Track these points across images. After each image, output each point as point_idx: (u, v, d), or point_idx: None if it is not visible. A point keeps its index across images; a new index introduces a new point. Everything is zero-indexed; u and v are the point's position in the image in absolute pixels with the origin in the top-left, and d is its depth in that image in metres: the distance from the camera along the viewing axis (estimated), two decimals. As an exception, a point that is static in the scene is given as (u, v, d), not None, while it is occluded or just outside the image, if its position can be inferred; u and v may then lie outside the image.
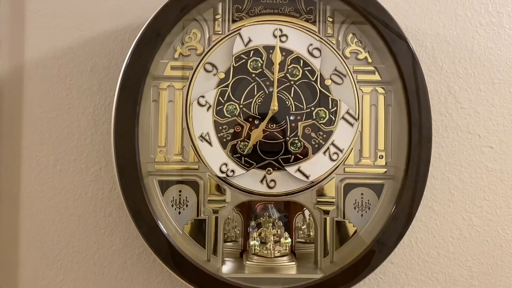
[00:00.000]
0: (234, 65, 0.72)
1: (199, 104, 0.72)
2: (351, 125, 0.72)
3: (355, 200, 0.74)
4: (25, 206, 0.76)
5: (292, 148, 0.72)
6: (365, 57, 0.74)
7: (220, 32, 0.73)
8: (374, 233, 0.71)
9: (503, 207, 0.78)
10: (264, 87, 0.72)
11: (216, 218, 0.73)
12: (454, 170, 0.78)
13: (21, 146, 0.77)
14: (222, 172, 0.71)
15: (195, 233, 0.73)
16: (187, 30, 0.73)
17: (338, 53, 0.73)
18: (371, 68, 0.74)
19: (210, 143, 0.72)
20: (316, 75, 0.72)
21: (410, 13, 0.79)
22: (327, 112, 0.72)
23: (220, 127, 0.72)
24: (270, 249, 0.73)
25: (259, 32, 0.73)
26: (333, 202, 0.73)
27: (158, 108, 0.73)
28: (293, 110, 0.72)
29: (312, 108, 0.72)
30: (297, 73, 0.72)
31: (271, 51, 0.72)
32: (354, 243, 0.73)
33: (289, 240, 0.75)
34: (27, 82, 0.77)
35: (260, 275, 0.72)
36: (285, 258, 0.74)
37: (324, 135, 0.72)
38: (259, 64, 0.72)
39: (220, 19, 0.73)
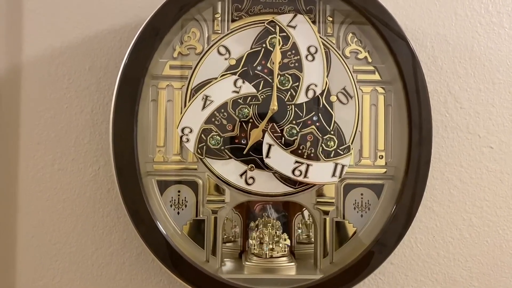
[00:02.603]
0: (248, 56, 0.71)
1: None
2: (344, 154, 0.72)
3: (355, 200, 0.73)
4: (23, 206, 0.76)
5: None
6: (365, 57, 0.74)
7: (220, 32, 0.73)
8: (374, 234, 0.71)
9: (503, 207, 0.78)
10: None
11: (215, 218, 0.72)
12: (454, 171, 0.78)
13: (18, 146, 0.76)
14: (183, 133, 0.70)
15: (194, 234, 0.72)
16: (186, 29, 0.73)
17: (349, 71, 0.72)
18: (371, 67, 0.74)
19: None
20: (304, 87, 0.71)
21: (410, 12, 0.78)
22: (334, 138, 0.71)
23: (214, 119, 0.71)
24: (269, 250, 0.73)
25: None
26: (333, 202, 0.73)
27: (157, 107, 0.72)
28: (292, 115, 0.72)
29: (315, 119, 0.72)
30: (287, 84, 0.72)
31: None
32: (354, 243, 0.73)
33: (288, 240, 0.74)
34: (25, 81, 0.76)
35: (259, 275, 0.72)
36: (284, 258, 0.74)
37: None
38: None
39: (219, 18, 0.73)
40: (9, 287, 0.76)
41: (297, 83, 0.72)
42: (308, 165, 0.71)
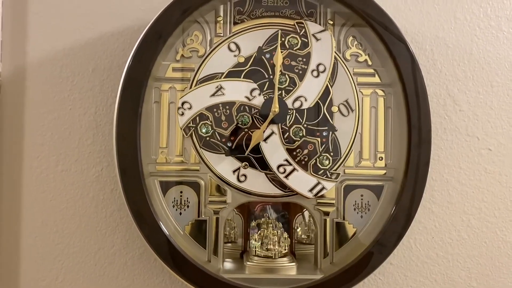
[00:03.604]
0: (257, 55, 0.72)
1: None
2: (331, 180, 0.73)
3: (355, 201, 0.74)
4: (27, 206, 0.77)
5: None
6: (365, 60, 0.75)
7: (222, 34, 0.74)
8: (374, 234, 0.72)
9: (502, 209, 0.79)
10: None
11: (217, 219, 0.73)
12: (453, 172, 0.79)
13: (22, 147, 0.77)
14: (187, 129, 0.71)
15: (195, 234, 0.73)
16: (188, 32, 0.74)
17: (354, 85, 0.73)
18: (371, 70, 0.75)
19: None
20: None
21: (410, 16, 0.79)
22: (330, 159, 0.72)
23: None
24: (270, 250, 0.74)
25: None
26: (333, 203, 0.74)
27: (160, 109, 0.73)
28: (292, 120, 0.73)
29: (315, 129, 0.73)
30: (284, 83, 0.73)
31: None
32: (354, 244, 0.74)
33: (289, 241, 0.75)
34: (29, 83, 0.77)
35: (260, 275, 0.72)
36: (285, 259, 0.74)
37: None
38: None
39: (221, 21, 0.74)
40: (13, 287, 0.77)
41: (292, 88, 0.73)
42: (294, 169, 0.72)
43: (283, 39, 0.73)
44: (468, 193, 0.79)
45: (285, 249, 0.74)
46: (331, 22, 0.74)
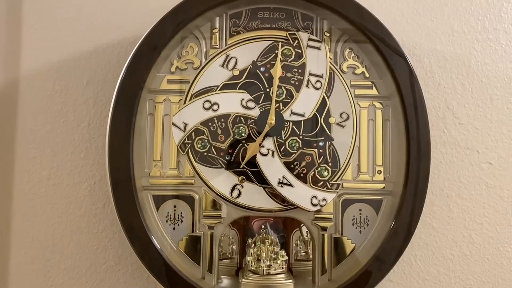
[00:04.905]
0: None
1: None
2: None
3: (353, 216, 0.72)
4: (17, 220, 0.75)
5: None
6: (362, 72, 0.74)
7: (217, 46, 0.73)
8: (373, 250, 0.70)
9: (503, 224, 0.77)
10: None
11: (212, 234, 0.71)
12: (453, 186, 0.77)
13: (14, 160, 0.76)
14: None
15: (190, 250, 0.71)
16: (184, 44, 0.73)
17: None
18: (369, 83, 0.74)
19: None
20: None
21: (408, 29, 0.79)
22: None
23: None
24: (266, 267, 0.72)
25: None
26: (331, 218, 0.72)
27: (154, 121, 0.72)
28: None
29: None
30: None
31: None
32: (353, 260, 0.72)
33: (286, 257, 0.73)
34: (22, 95, 0.76)
35: (256, 293, 0.70)
36: (282, 275, 0.72)
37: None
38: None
39: (217, 34, 0.73)
40: (1, 305, 0.74)
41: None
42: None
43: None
44: (469, 208, 0.77)
45: (282, 266, 0.72)
46: (328, 35, 0.74)
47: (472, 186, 0.77)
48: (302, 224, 0.74)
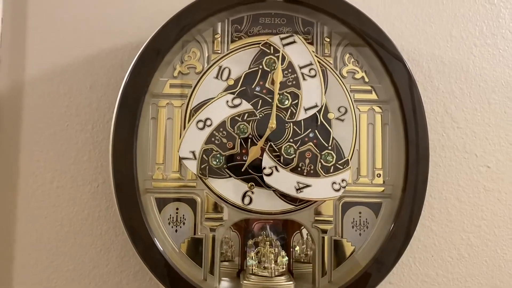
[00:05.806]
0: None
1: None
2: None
3: (353, 219, 0.73)
4: (21, 223, 0.76)
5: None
6: (362, 77, 0.75)
7: (219, 52, 0.74)
8: (372, 252, 0.71)
9: (501, 226, 0.78)
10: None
11: (213, 236, 0.72)
12: (451, 190, 0.78)
13: (18, 163, 0.76)
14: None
15: (191, 252, 0.72)
16: (186, 49, 0.74)
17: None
18: (368, 87, 0.75)
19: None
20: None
21: (407, 34, 0.80)
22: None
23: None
24: (267, 269, 0.72)
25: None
26: (331, 220, 0.73)
27: (157, 125, 0.73)
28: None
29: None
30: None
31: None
32: (352, 262, 0.72)
33: (286, 259, 0.74)
34: (26, 98, 0.77)
35: (257, 294, 0.71)
36: (282, 277, 0.73)
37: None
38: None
39: (219, 39, 0.74)
40: (4, 306, 0.75)
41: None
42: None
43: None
44: (468, 210, 0.78)
45: (282, 268, 0.73)
46: (328, 40, 0.75)
47: (470, 189, 0.78)
48: (303, 227, 0.75)
